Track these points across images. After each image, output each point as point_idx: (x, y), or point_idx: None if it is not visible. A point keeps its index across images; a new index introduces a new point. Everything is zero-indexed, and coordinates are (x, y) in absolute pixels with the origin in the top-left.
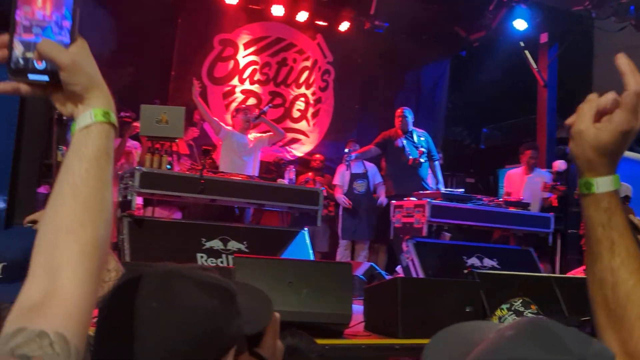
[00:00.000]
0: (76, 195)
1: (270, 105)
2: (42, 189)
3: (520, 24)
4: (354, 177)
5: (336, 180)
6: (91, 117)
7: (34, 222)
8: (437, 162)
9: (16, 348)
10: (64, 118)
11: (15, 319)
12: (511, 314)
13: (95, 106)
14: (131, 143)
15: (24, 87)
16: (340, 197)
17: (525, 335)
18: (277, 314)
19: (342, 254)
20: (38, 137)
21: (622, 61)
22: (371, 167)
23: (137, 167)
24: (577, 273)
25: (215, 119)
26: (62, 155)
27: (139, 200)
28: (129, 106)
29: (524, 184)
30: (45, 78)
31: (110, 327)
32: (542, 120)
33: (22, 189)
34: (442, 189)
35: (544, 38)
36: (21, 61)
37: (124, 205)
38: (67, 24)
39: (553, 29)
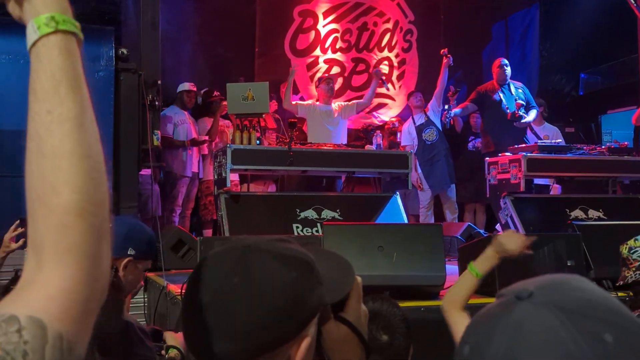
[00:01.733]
0: (40, 149)
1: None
2: (143, 173)
3: None
4: (420, 128)
5: (404, 141)
6: (34, 30)
7: None
8: (536, 113)
9: None
10: (156, 103)
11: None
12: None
13: (38, 12)
14: (223, 122)
15: None
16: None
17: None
18: (359, 279)
19: (424, 214)
20: (133, 123)
21: None
22: (430, 110)
23: (228, 145)
24: None
25: (294, 102)
26: (157, 139)
27: (233, 177)
28: (219, 86)
29: None
30: None
31: (194, 303)
32: None
33: (124, 175)
34: (540, 142)
35: None
36: None
37: (220, 182)
38: None
39: None
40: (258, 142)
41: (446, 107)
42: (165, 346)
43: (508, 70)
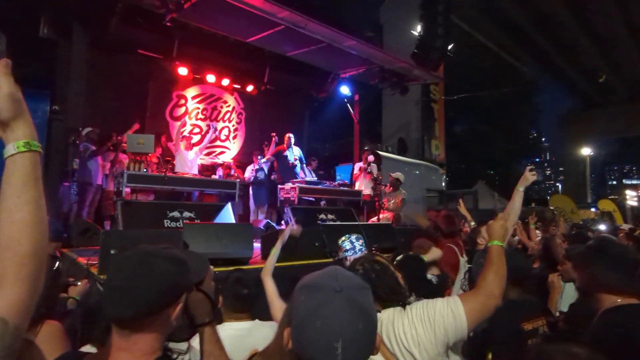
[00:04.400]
0: (11, 218)
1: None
2: (63, 184)
3: (344, 89)
4: (257, 170)
5: (246, 175)
6: (14, 147)
7: None
8: (304, 164)
9: None
10: (77, 142)
11: None
12: (343, 241)
13: (18, 138)
14: (122, 156)
15: None
16: (248, 178)
17: (326, 273)
18: (212, 267)
19: (252, 215)
20: (60, 153)
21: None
22: (266, 163)
23: (125, 170)
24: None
25: (175, 147)
26: (76, 164)
27: (127, 190)
28: (120, 132)
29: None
30: None
31: (112, 285)
32: (356, 141)
33: (49, 186)
34: (307, 178)
35: (357, 97)
36: None
37: (118, 193)
38: None
39: (361, 92)
40: (145, 170)
41: (259, 157)
42: (67, 297)
43: (292, 139)
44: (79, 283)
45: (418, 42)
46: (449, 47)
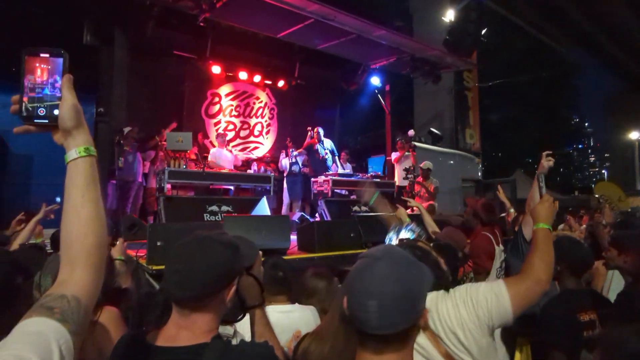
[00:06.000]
0: (78, 215)
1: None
2: (110, 182)
3: (375, 80)
4: (291, 164)
5: (280, 167)
6: (76, 152)
7: None
8: (337, 157)
9: (44, 303)
10: (122, 142)
11: (50, 290)
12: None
13: (78, 144)
14: (160, 154)
15: (32, 128)
16: (283, 168)
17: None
18: (260, 252)
19: (285, 209)
20: (106, 152)
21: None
22: (299, 157)
23: (166, 167)
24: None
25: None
26: (121, 163)
27: (168, 186)
28: (161, 131)
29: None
30: (46, 121)
31: (172, 267)
32: (388, 132)
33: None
34: (339, 171)
35: (387, 87)
36: (30, 110)
37: (160, 189)
38: (57, 85)
39: (392, 82)
40: (184, 166)
41: (291, 150)
42: (113, 259)
43: (321, 133)
44: (117, 242)
45: (450, 28)
46: (483, 32)
